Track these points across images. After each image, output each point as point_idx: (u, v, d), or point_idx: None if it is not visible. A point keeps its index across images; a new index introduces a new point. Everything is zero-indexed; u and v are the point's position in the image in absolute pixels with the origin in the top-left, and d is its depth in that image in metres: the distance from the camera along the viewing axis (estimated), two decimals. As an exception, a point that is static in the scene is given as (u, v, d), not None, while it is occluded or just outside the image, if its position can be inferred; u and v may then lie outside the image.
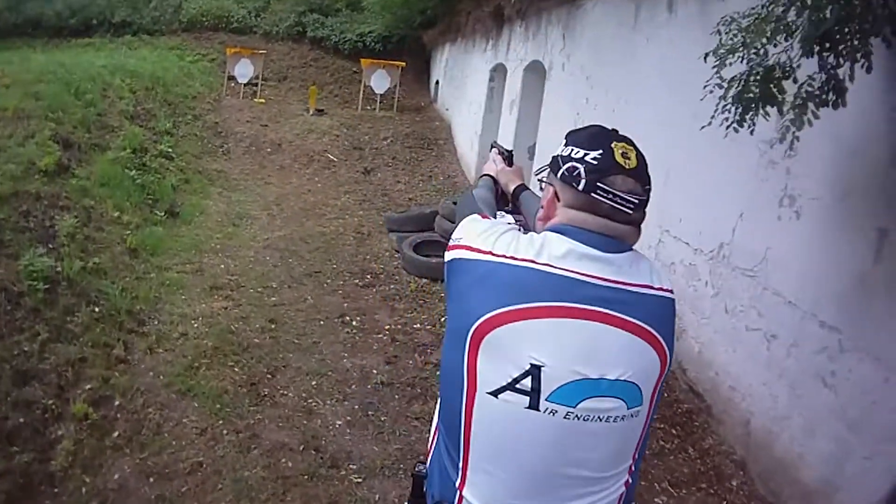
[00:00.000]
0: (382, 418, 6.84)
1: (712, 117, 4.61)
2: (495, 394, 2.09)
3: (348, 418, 6.80)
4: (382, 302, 9.93)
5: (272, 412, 6.78)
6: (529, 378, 2.05)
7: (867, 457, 4.64)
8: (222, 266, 10.89)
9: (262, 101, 23.99)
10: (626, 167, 2.14)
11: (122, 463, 5.91)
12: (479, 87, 17.98)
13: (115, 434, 6.26)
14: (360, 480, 5.87)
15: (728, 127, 4.51)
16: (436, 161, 19.54)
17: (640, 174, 2.17)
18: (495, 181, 3.43)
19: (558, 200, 2.26)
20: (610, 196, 2.11)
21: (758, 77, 4.24)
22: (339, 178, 17.79)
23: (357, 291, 10.31)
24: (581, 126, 2.37)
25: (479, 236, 2.25)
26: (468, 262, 2.23)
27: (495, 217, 2.74)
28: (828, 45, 3.81)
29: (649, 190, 2.20)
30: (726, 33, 4.43)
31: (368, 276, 10.93)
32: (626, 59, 8.84)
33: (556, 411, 2.06)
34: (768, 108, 4.36)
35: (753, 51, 4.21)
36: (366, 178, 18.04)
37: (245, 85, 24.66)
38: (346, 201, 15.84)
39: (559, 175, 2.24)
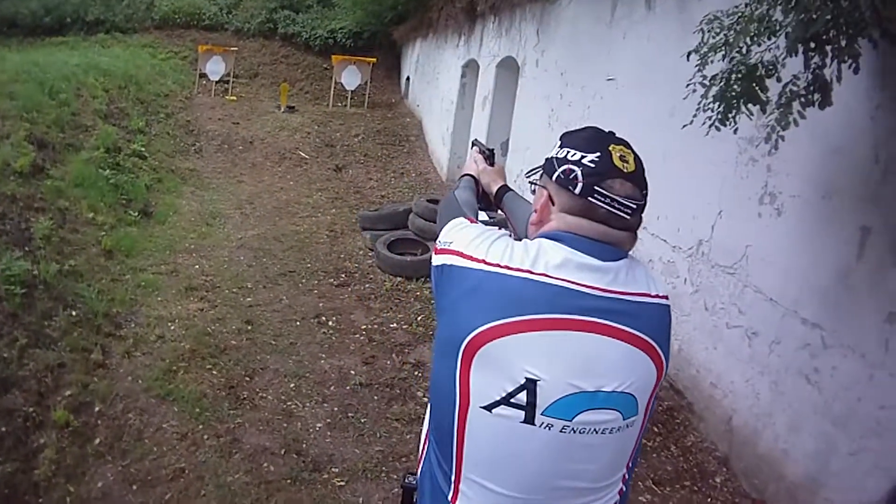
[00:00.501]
0: (362, 420, 6.83)
1: (694, 115, 4.62)
2: (489, 408, 2.05)
3: (328, 420, 6.79)
4: (358, 301, 9.92)
5: (252, 415, 6.76)
6: (525, 392, 2.00)
7: (852, 452, 4.70)
8: (197, 266, 10.85)
9: (234, 98, 23.91)
10: (625, 171, 2.10)
11: (104, 470, 5.87)
12: (451, 83, 17.97)
13: (97, 441, 6.22)
14: (342, 483, 5.86)
15: (710, 126, 4.52)
16: (407, 158, 19.52)
17: (638, 178, 2.14)
18: (476, 181, 3.36)
19: (553, 204, 2.20)
20: (608, 200, 2.07)
21: (740, 75, 4.26)
22: (311, 176, 17.75)
23: (332, 291, 10.29)
24: (577, 128, 2.32)
25: (472, 243, 2.18)
26: (460, 269, 2.15)
27: (477, 218, 2.61)
28: (814, 45, 3.82)
29: (647, 194, 2.16)
30: (709, 31, 4.44)
31: (343, 276, 10.92)
32: (602, 55, 8.83)
33: (552, 425, 2.02)
34: (750, 107, 4.37)
35: (736, 49, 4.22)
36: (338, 175, 18.02)
37: (217, 82, 24.55)
38: (318, 199, 15.82)
39: (554, 178, 2.18)
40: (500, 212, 3.32)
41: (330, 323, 9.10)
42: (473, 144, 3.71)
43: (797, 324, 5.20)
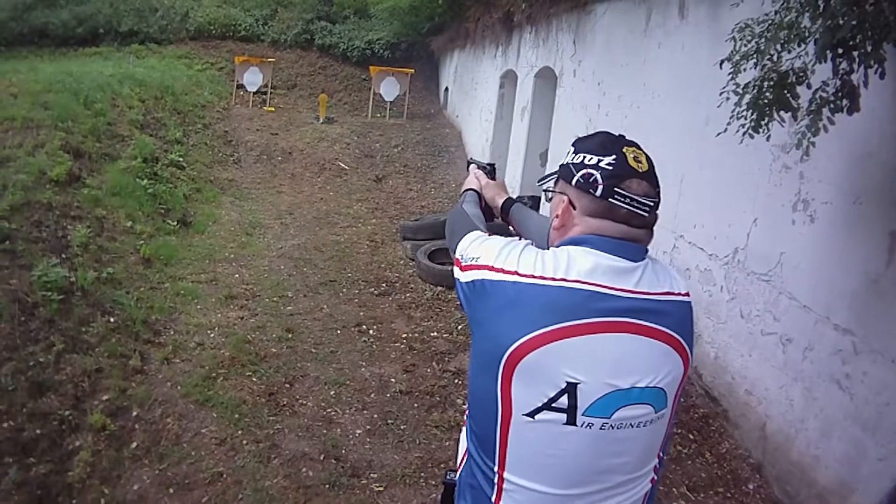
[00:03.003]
0: (402, 427, 6.87)
1: (728, 124, 4.69)
2: (531, 414, 2.14)
3: (368, 427, 6.85)
4: (399, 310, 9.97)
5: (292, 422, 6.84)
6: (566, 396, 2.10)
7: (881, 458, 4.72)
8: (237, 275, 10.97)
9: (272, 109, 24.07)
10: (640, 171, 2.20)
11: (140, 474, 5.96)
12: (490, 93, 18.04)
13: (134, 445, 6.32)
14: (381, 489, 5.92)
15: (744, 133, 4.58)
16: (447, 168, 19.53)
17: (652, 176, 2.24)
18: (479, 195, 3.44)
19: (574, 209, 2.28)
20: (627, 200, 2.17)
21: (772, 83, 4.32)
22: (351, 186, 17.85)
23: (373, 300, 10.35)
24: (590, 133, 2.39)
25: (500, 255, 2.26)
26: (493, 283, 2.22)
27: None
28: (841, 51, 3.87)
29: (659, 192, 2.26)
30: (740, 40, 4.51)
31: (384, 285, 10.98)
32: (638, 64, 8.90)
33: (593, 424, 2.13)
34: (782, 114, 4.44)
35: (767, 57, 4.27)
36: (378, 185, 18.10)
37: (254, 93, 24.73)
38: (358, 209, 15.90)
39: (573, 182, 2.26)
40: (510, 227, 3.35)
41: (371, 332, 9.18)
42: (469, 163, 3.80)
43: (829, 330, 5.23)
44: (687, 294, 2.34)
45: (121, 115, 15.49)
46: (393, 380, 7.86)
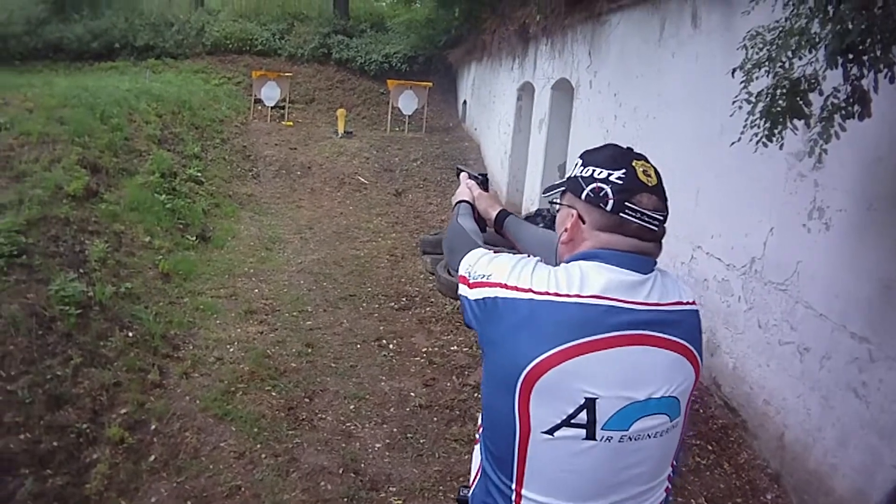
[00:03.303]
0: (421, 441, 6.88)
1: (741, 133, 4.69)
2: (551, 432, 2.15)
3: (387, 441, 6.86)
4: (419, 325, 9.99)
5: (311, 436, 6.85)
6: (585, 411, 2.12)
7: None
8: (256, 290, 11.02)
9: (291, 123, 24.22)
10: (649, 185, 2.22)
11: (158, 486, 6.00)
12: (507, 106, 18.06)
13: (152, 458, 6.37)
14: (399, 502, 5.94)
15: (757, 142, 4.58)
16: (466, 182, 19.40)
17: (660, 190, 2.25)
18: (472, 207, 3.44)
19: (584, 223, 2.29)
20: (638, 215, 2.19)
21: (784, 90, 4.32)
22: (371, 201, 17.93)
23: (393, 314, 10.38)
24: (597, 146, 2.40)
25: (512, 272, 2.27)
26: (507, 301, 2.22)
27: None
28: (851, 55, 3.86)
29: (667, 205, 2.27)
30: (752, 48, 4.52)
31: (404, 299, 11.00)
32: (653, 74, 8.93)
33: (612, 437, 2.15)
34: (796, 122, 4.44)
35: (779, 64, 4.27)
36: (397, 199, 18.18)
37: (272, 108, 24.89)
38: (378, 224, 15.97)
39: (583, 196, 2.27)
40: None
41: (391, 346, 9.20)
42: (459, 171, 3.85)
43: (846, 338, 5.22)
44: (694, 302, 2.37)
45: (138, 131, 15.59)
46: (413, 394, 7.87)
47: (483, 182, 3.65)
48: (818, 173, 5.52)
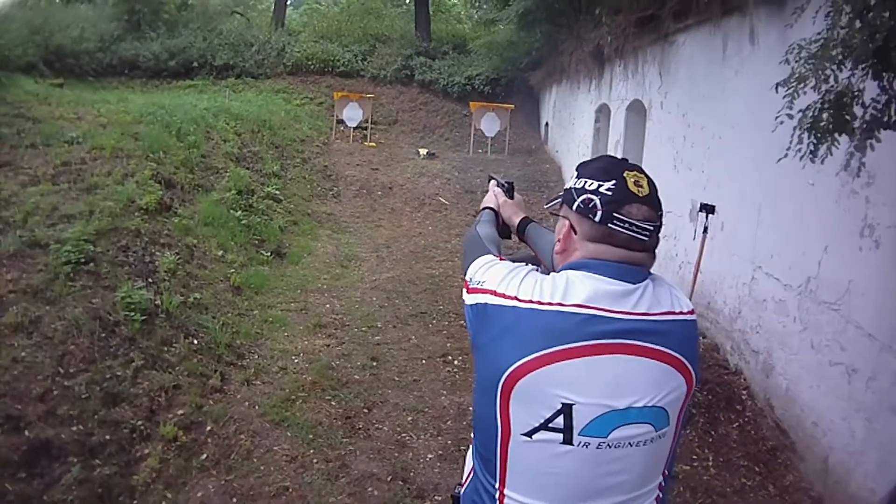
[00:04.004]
0: (474, 453, 6.95)
1: (788, 149, 4.69)
2: (529, 434, 2.25)
3: (440, 452, 6.93)
4: (486, 342, 10.00)
5: (365, 444, 6.97)
6: (562, 416, 2.20)
7: None
8: (327, 305, 11.18)
9: (373, 144, 24.51)
10: (640, 195, 2.30)
11: (206, 483, 6.20)
12: (586, 127, 18.09)
13: (203, 456, 6.57)
14: (442, 511, 6.03)
15: (801, 158, 4.57)
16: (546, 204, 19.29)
17: (653, 201, 2.34)
18: (497, 214, 3.53)
19: (575, 233, 2.39)
20: (626, 225, 2.27)
21: (829, 104, 4.29)
22: (451, 221, 18.03)
23: (462, 332, 10.32)
24: (592, 158, 2.53)
25: (503, 280, 2.37)
26: (495, 307, 2.33)
27: (500, 252, 2.84)
28: (881, 64, 3.87)
29: (661, 215, 2.36)
30: (796, 62, 4.50)
31: (475, 317, 11.01)
32: (717, 94, 8.95)
33: (589, 443, 2.22)
34: (837, 136, 4.38)
35: (823, 77, 4.24)
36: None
37: (354, 129, 25.13)
38: (456, 244, 15.98)
39: (574, 208, 2.37)
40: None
41: (455, 362, 9.24)
42: (490, 178, 3.91)
43: (892, 358, 5.16)
44: (691, 312, 2.43)
45: (215, 148, 16.01)
46: (471, 408, 7.84)
47: (509, 190, 3.69)
48: (869, 190, 5.48)
